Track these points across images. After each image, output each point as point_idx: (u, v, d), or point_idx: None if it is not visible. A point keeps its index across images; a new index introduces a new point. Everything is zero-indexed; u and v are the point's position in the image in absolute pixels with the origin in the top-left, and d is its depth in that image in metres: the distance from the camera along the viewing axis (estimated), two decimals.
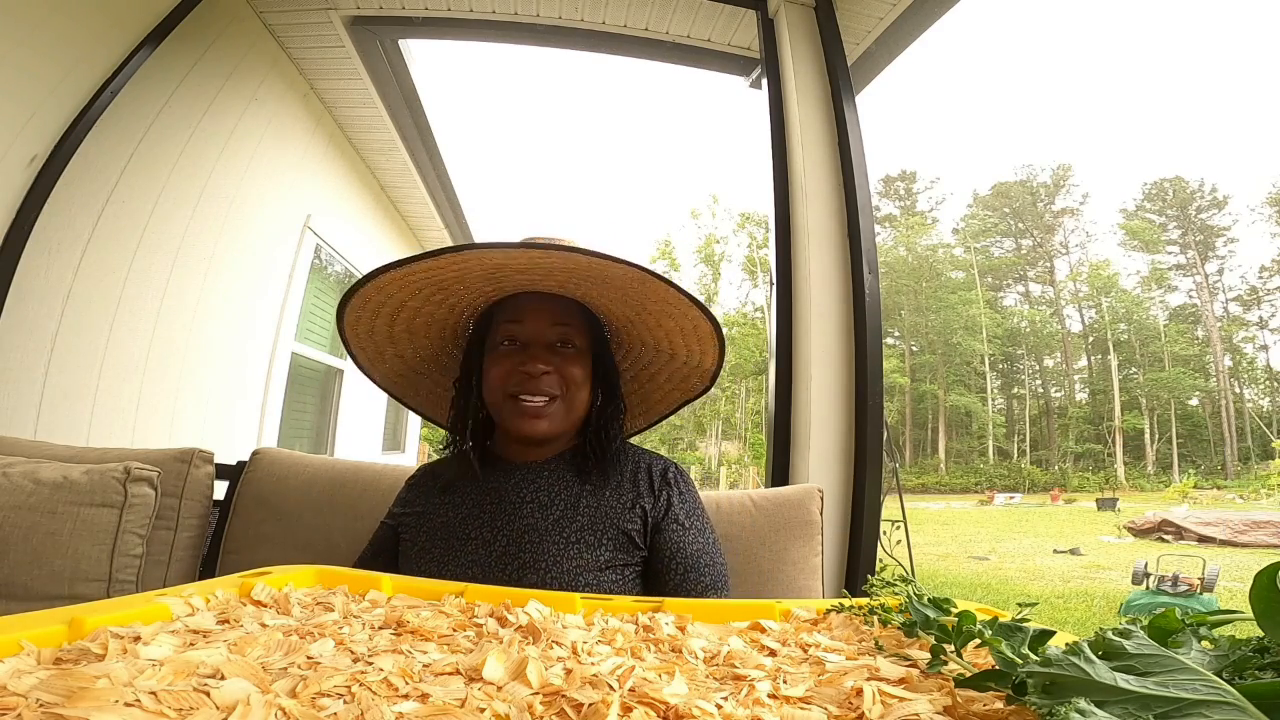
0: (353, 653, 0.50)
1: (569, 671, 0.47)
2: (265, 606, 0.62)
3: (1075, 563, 10.66)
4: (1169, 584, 5.88)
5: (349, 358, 1.16)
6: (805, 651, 0.57)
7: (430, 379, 1.25)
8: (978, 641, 0.49)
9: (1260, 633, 0.38)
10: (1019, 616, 0.52)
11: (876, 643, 0.58)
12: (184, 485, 1.46)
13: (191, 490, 1.47)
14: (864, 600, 0.67)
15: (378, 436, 6.44)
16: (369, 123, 4.27)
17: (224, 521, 1.48)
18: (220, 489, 1.55)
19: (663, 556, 1.03)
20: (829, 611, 0.69)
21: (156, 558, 1.40)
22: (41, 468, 1.37)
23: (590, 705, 0.41)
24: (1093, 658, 0.38)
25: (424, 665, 0.48)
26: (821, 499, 1.45)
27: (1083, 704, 0.33)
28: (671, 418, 1.30)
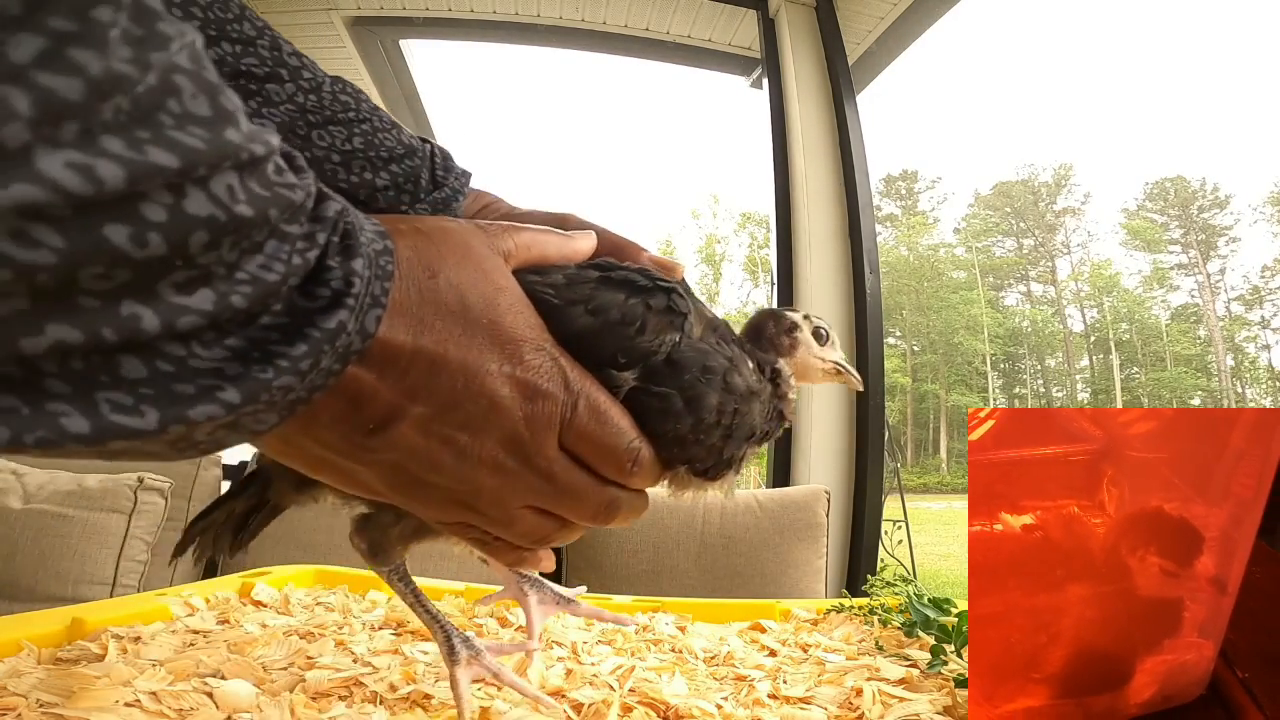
0: (352, 653, 0.50)
1: (569, 671, 0.47)
2: (265, 607, 0.62)
3: None
4: None
5: None
6: (805, 651, 0.57)
7: None
8: None
9: None
10: None
11: (876, 643, 0.58)
12: (193, 487, 1.48)
13: (201, 492, 1.49)
14: (864, 600, 0.67)
15: None
16: None
17: None
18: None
19: None
20: (829, 612, 0.69)
21: (165, 558, 1.42)
22: (58, 477, 1.40)
23: (590, 705, 0.41)
24: None
25: (424, 665, 0.48)
26: (828, 500, 1.45)
27: None
28: None
